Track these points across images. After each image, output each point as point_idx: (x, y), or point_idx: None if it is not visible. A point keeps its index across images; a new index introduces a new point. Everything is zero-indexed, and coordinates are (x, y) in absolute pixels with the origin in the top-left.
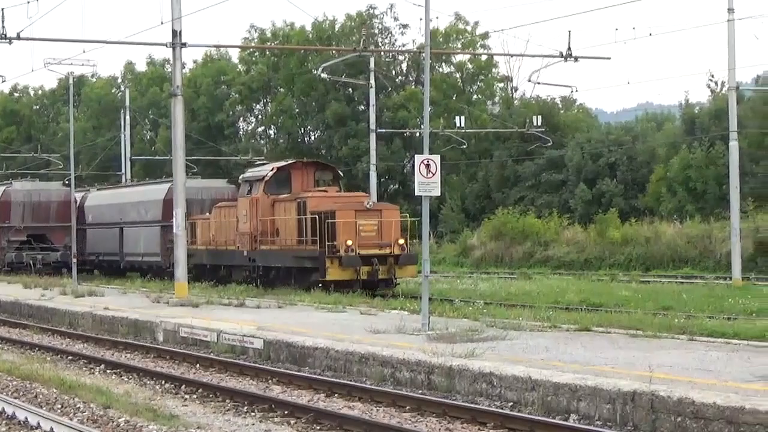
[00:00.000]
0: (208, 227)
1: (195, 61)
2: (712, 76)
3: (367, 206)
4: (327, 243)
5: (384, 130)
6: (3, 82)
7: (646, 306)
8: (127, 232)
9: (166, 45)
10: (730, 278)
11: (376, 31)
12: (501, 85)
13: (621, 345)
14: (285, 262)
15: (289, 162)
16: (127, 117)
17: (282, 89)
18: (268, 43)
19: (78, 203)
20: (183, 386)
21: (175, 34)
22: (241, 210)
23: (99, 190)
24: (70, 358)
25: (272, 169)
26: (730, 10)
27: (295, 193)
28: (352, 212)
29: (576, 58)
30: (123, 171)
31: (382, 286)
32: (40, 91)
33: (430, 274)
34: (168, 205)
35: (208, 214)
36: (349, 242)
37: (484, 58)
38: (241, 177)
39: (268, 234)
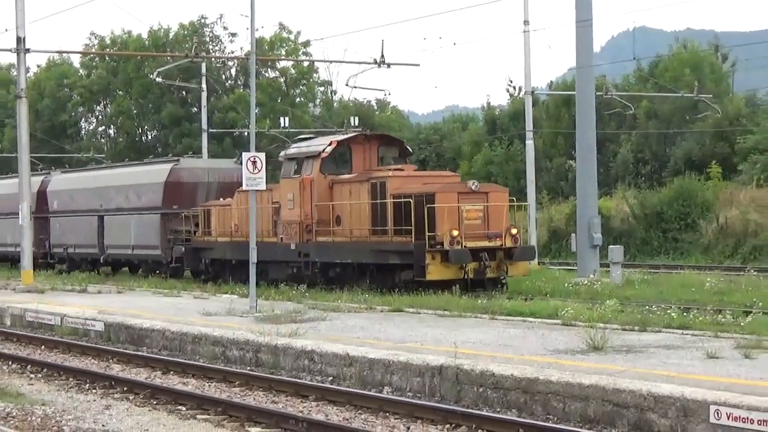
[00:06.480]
0: (229, 216)
1: (39, 66)
2: (511, 82)
3: (472, 188)
4: (426, 234)
5: (215, 130)
6: None
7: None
8: (109, 220)
9: (11, 50)
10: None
11: (208, 39)
12: (322, 88)
13: (430, 324)
14: (357, 257)
15: (350, 135)
16: None
17: (120, 92)
18: (108, 49)
19: (38, 188)
20: (29, 366)
21: (20, 40)
22: (286, 194)
23: (64, 173)
24: None
25: (330, 144)
26: (526, 22)
27: (362, 172)
28: (455, 195)
29: (389, 65)
30: None
31: (489, 286)
32: None
33: None
34: (171, 188)
35: (222, 199)
36: (455, 233)
37: (306, 64)
38: (283, 153)
39: (329, 223)
